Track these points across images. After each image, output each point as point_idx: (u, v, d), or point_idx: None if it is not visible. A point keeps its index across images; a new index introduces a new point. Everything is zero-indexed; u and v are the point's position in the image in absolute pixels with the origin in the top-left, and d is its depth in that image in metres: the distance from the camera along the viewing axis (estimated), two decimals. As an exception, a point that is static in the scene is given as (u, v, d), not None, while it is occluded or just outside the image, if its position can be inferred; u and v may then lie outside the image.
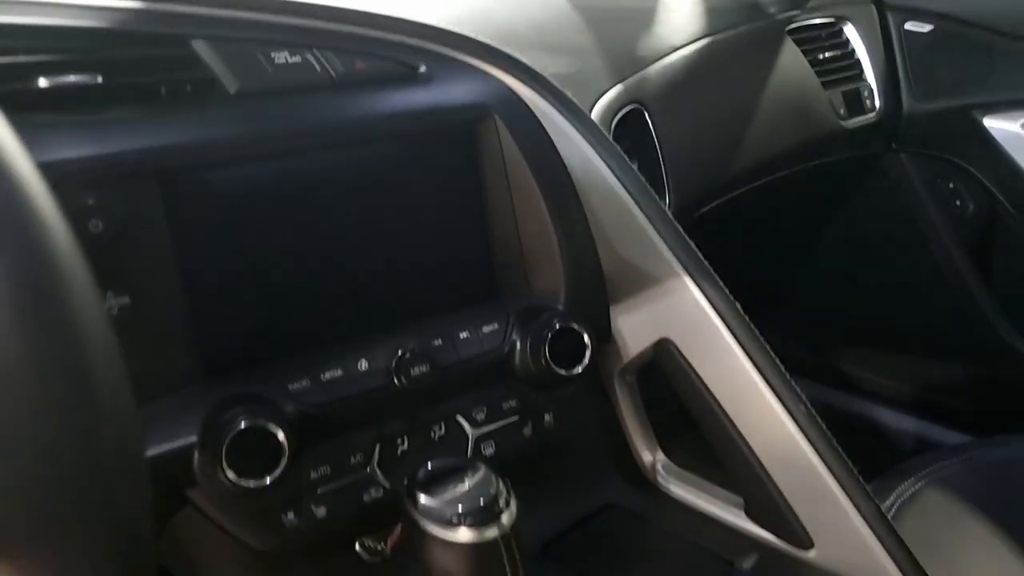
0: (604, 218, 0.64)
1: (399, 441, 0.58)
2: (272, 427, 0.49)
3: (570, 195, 0.64)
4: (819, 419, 0.59)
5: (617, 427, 0.70)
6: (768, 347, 0.60)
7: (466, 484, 0.46)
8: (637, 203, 0.63)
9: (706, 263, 0.62)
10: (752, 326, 0.61)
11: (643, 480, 0.70)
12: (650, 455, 0.70)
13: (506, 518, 0.45)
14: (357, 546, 0.58)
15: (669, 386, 0.68)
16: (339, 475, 0.55)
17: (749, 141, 1.01)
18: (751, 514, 0.63)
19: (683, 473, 0.69)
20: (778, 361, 0.60)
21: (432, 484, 0.47)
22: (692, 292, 0.62)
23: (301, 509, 0.54)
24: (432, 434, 0.59)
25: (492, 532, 0.44)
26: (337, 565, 0.57)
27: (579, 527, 0.64)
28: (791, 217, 1.31)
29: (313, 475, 0.54)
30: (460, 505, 0.45)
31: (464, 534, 0.45)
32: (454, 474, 0.47)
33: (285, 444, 0.49)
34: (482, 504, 0.45)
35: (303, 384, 0.53)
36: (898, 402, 1.32)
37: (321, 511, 0.54)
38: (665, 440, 0.71)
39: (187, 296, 0.51)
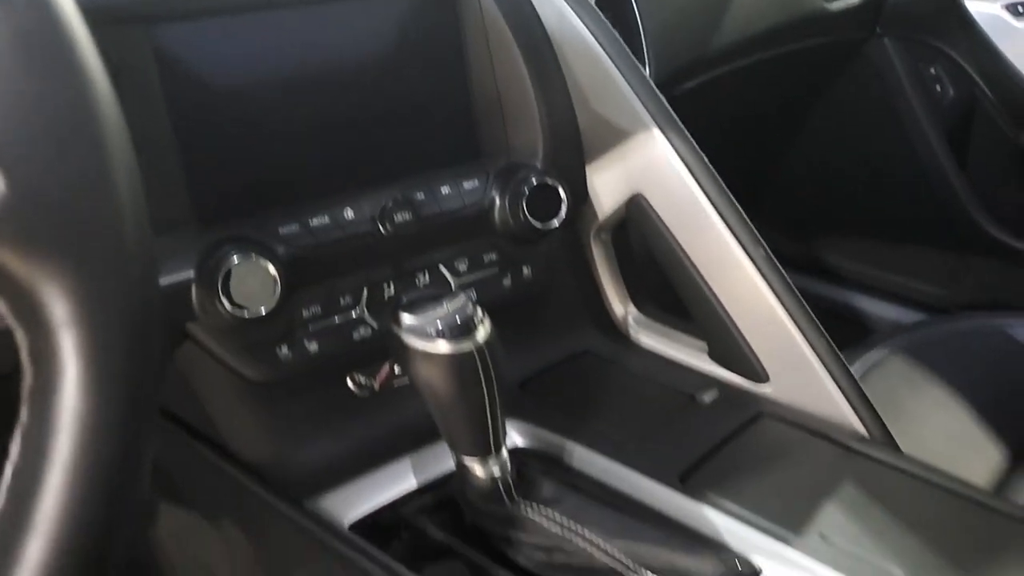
0: (581, 76, 0.66)
1: (386, 286, 0.62)
2: (264, 262, 0.53)
3: (548, 53, 0.66)
4: (778, 264, 0.63)
5: (592, 282, 0.74)
6: (732, 197, 0.64)
7: (445, 306, 0.50)
8: (613, 61, 0.65)
9: (678, 120, 0.65)
10: (719, 179, 0.64)
11: (615, 330, 0.74)
12: (622, 308, 0.75)
13: (480, 333, 0.49)
14: (348, 381, 0.62)
15: (641, 243, 0.72)
16: (329, 314, 0.59)
17: (731, 18, 1.02)
18: (714, 356, 0.68)
19: (652, 324, 0.74)
20: (741, 210, 0.63)
21: (414, 307, 0.51)
22: (663, 148, 0.65)
23: (294, 343, 0.58)
24: (416, 281, 0.63)
25: (468, 345, 0.49)
26: (329, 397, 0.62)
27: (554, 369, 0.69)
28: (771, 103, 1.33)
29: (305, 313, 0.58)
30: (439, 322, 0.49)
31: (442, 346, 0.49)
32: (434, 299, 0.51)
33: (276, 278, 0.53)
34: (459, 321, 0.49)
35: (292, 229, 0.56)
36: (875, 288, 1.37)
37: (313, 346, 0.59)
38: (637, 295, 0.75)
39: (178, 144, 0.53)
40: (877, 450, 0.58)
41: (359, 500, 0.58)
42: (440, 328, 0.49)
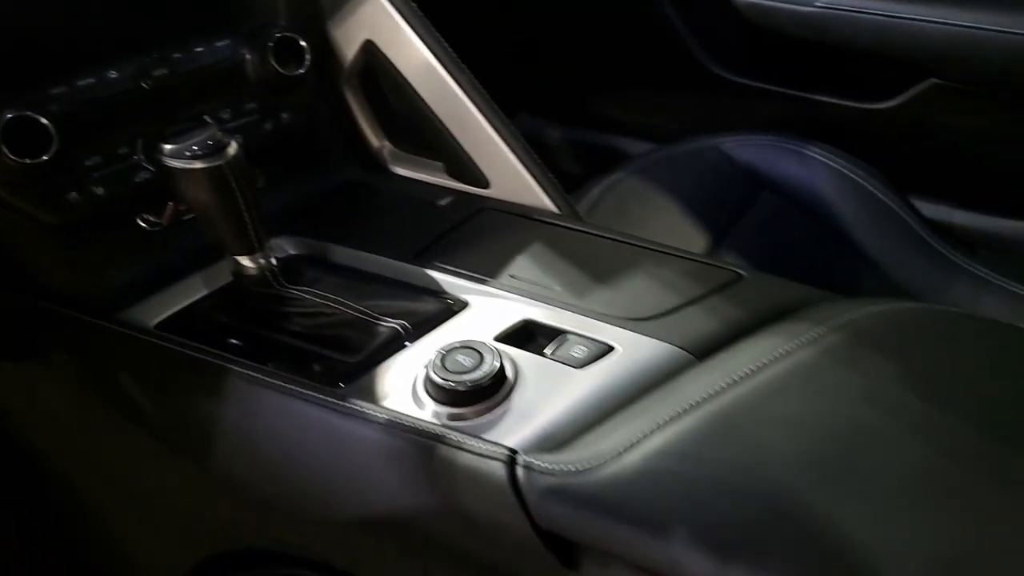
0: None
1: (159, 137, 0.73)
2: (37, 116, 0.63)
3: None
4: (482, 89, 0.80)
5: (351, 124, 0.89)
6: (440, 38, 0.79)
7: (197, 135, 0.63)
8: None
9: None
10: (429, 24, 0.79)
11: (374, 164, 0.90)
12: (378, 143, 0.90)
13: (229, 151, 0.63)
14: (138, 220, 0.74)
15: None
16: (110, 163, 0.70)
17: None
18: (450, 172, 0.85)
19: (403, 155, 0.90)
20: (446, 45, 0.79)
21: (175, 139, 0.64)
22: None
23: (82, 188, 0.69)
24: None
25: (218, 160, 0.63)
26: (124, 235, 0.73)
27: (323, 197, 0.84)
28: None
29: (87, 162, 0.69)
30: (193, 146, 0.63)
31: (198, 164, 0.62)
32: (191, 133, 0.64)
33: (51, 128, 0.64)
34: (209, 143, 0.63)
35: (61, 89, 0.67)
36: (626, 127, 1.58)
37: (100, 190, 0.70)
38: (392, 132, 0.91)
39: None
40: (565, 220, 0.78)
41: (160, 307, 0.71)
42: (194, 150, 0.62)
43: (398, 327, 0.65)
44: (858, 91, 1.31)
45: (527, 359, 0.59)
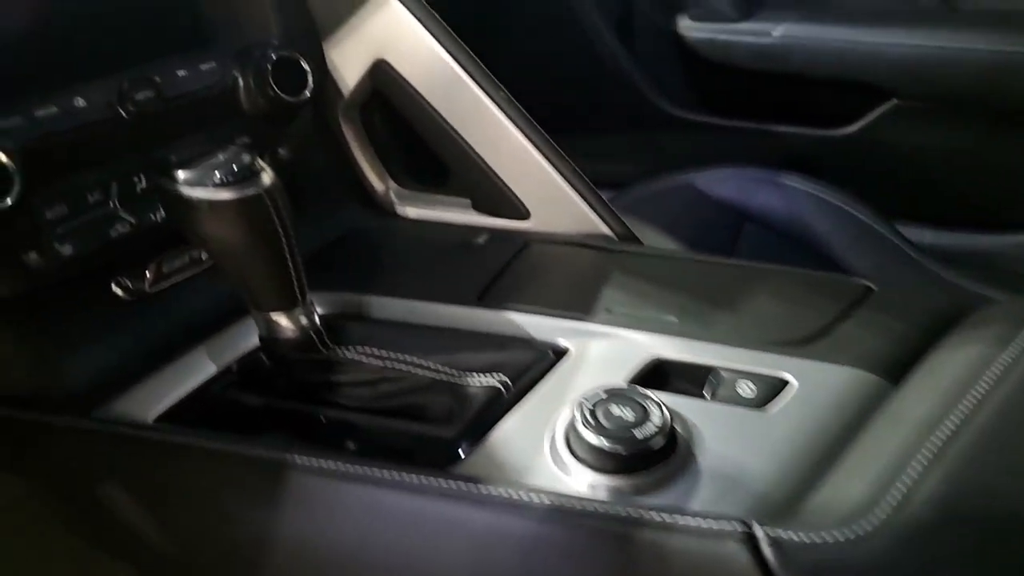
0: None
1: (136, 178, 0.57)
2: None
3: None
4: (521, 107, 0.69)
5: (347, 162, 0.75)
6: (471, 53, 0.68)
7: (220, 157, 0.48)
8: None
9: None
10: (454, 34, 0.68)
11: (378, 207, 0.76)
12: (381, 184, 0.76)
13: (266, 177, 0.48)
14: (113, 286, 0.57)
15: (389, 119, 0.74)
16: (78, 213, 0.54)
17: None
18: (478, 207, 0.73)
19: (413, 194, 0.76)
20: (480, 62, 0.68)
21: (187, 164, 0.48)
22: (399, 10, 0.67)
23: (43, 248, 0.52)
24: None
25: (255, 189, 0.48)
26: (97, 306, 0.56)
27: (325, 251, 0.69)
28: (463, 23, 1.40)
29: (49, 214, 0.52)
30: (219, 170, 0.47)
31: (230, 193, 0.47)
32: (205, 155, 0.49)
33: (10, 167, 0.47)
34: (240, 166, 0.48)
35: (15, 120, 0.50)
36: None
37: (67, 248, 0.53)
38: (393, 170, 0.77)
39: None
40: (628, 245, 0.67)
41: (157, 396, 0.54)
42: (222, 176, 0.47)
43: (497, 384, 0.51)
44: (818, 118, 1.31)
45: (691, 406, 0.47)
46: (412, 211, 0.76)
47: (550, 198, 0.70)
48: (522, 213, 0.71)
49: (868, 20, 1.25)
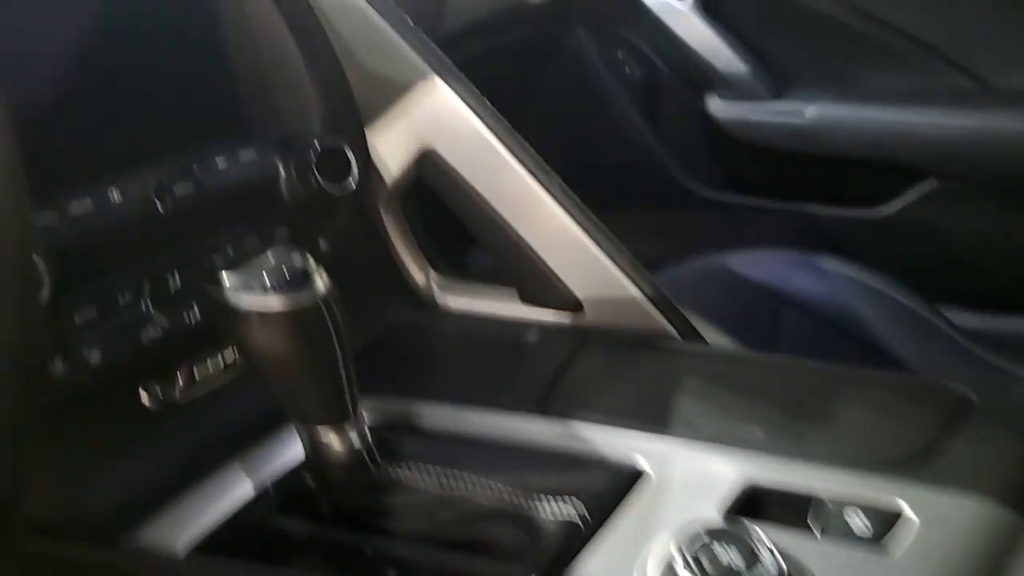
0: (345, 33, 0.63)
1: (170, 277, 0.53)
2: None
3: (308, 14, 0.62)
4: (573, 193, 0.65)
5: (388, 254, 0.71)
6: (520, 136, 0.65)
7: (269, 258, 0.44)
8: (378, 12, 0.63)
9: (455, 67, 0.64)
10: (503, 119, 0.65)
11: (419, 300, 0.71)
12: (424, 276, 0.72)
13: (319, 282, 0.44)
14: (141, 396, 0.52)
15: (432, 206, 0.70)
16: (109, 316, 0.49)
17: (444, 11, 1.05)
18: (525, 298, 0.68)
19: (456, 285, 0.72)
20: (529, 146, 0.64)
21: (232, 267, 0.44)
22: (448, 97, 0.64)
23: (70, 355, 0.47)
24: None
25: (309, 296, 0.43)
26: (122, 419, 0.51)
27: (367, 353, 0.64)
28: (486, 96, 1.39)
29: (78, 319, 0.48)
30: (269, 275, 0.43)
31: (281, 301, 0.43)
32: (253, 255, 0.45)
33: (42, 268, 0.43)
34: (292, 271, 0.43)
35: (47, 220, 0.46)
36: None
37: (95, 356, 0.48)
38: (435, 260, 0.73)
39: None
40: (693, 346, 0.63)
41: (188, 522, 0.48)
42: (273, 281, 0.43)
43: (573, 513, 0.46)
44: (853, 199, 1.28)
45: (801, 545, 0.41)
46: (454, 301, 0.72)
47: (605, 290, 0.66)
48: (574, 305, 0.67)
49: (903, 100, 1.23)
